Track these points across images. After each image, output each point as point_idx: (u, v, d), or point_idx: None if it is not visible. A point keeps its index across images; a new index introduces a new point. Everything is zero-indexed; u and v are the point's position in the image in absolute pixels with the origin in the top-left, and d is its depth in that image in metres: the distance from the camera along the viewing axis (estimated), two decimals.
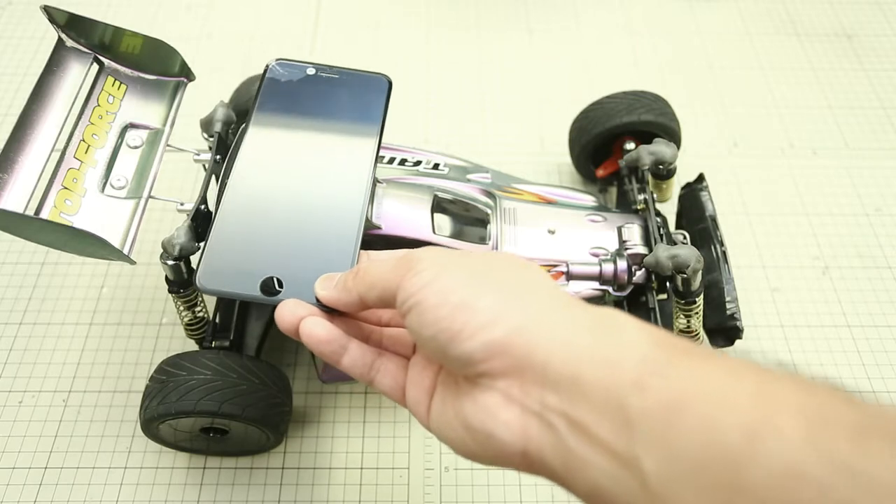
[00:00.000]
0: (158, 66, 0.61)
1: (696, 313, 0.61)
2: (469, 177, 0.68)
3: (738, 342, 0.63)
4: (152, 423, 0.57)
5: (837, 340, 0.74)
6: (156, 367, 0.59)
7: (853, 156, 0.90)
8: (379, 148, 0.47)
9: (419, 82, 0.98)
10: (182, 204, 0.62)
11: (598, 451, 0.27)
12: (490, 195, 0.66)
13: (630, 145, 0.72)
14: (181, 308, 0.61)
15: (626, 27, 1.05)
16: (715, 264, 0.65)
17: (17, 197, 0.51)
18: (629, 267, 0.62)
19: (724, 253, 0.65)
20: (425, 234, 0.58)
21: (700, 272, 0.59)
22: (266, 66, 0.51)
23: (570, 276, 0.62)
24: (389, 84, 0.50)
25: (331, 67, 0.51)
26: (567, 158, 0.85)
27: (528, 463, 0.30)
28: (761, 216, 0.84)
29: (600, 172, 0.80)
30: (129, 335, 0.73)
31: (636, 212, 0.68)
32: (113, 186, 0.56)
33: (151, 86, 0.61)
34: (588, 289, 0.63)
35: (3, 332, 0.73)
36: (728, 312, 0.62)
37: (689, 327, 0.61)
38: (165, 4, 1.07)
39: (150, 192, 0.57)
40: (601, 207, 0.70)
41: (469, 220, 0.62)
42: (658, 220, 0.66)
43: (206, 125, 0.65)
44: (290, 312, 0.38)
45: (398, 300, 0.33)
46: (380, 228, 0.56)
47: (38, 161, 0.53)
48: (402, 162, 0.66)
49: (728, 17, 1.07)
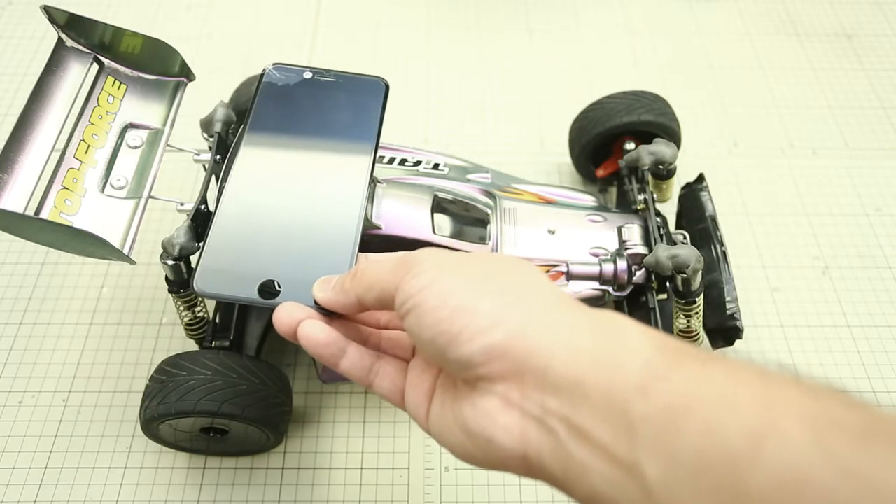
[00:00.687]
0: (158, 66, 0.61)
1: (696, 313, 0.61)
2: (469, 177, 0.68)
3: (738, 342, 0.63)
4: (152, 423, 0.57)
5: (837, 340, 0.74)
6: (156, 367, 0.59)
7: (853, 156, 0.90)
8: (376, 151, 0.47)
9: (419, 82, 0.98)
10: (182, 204, 0.62)
11: (598, 456, 0.27)
12: (490, 195, 0.66)
13: (630, 145, 0.72)
14: (181, 308, 0.61)
15: (626, 27, 1.05)
16: (715, 264, 0.65)
17: (17, 197, 0.51)
18: (629, 267, 0.62)
19: (724, 253, 0.65)
20: (425, 234, 0.58)
21: (700, 272, 0.59)
22: (263, 71, 0.51)
23: (570, 276, 0.62)
24: (386, 87, 0.50)
25: (328, 71, 0.51)
26: (567, 158, 0.85)
27: (528, 468, 0.30)
28: (761, 216, 0.84)
29: (600, 172, 0.80)
30: (129, 335, 0.73)
31: (636, 212, 0.68)
32: (113, 186, 0.56)
33: (151, 86, 0.61)
34: (588, 289, 0.63)
35: (3, 332, 0.73)
36: (728, 312, 0.62)
37: (689, 327, 0.61)
38: (165, 4, 1.07)
39: (150, 192, 0.57)
40: (601, 207, 0.70)
41: (469, 220, 0.62)
42: (658, 220, 0.66)
43: (206, 125, 0.65)
44: (288, 315, 0.37)
45: (397, 302, 0.33)
46: (380, 228, 0.56)
47: (38, 161, 0.53)
48: (402, 162, 0.66)
49: (728, 17, 1.07)
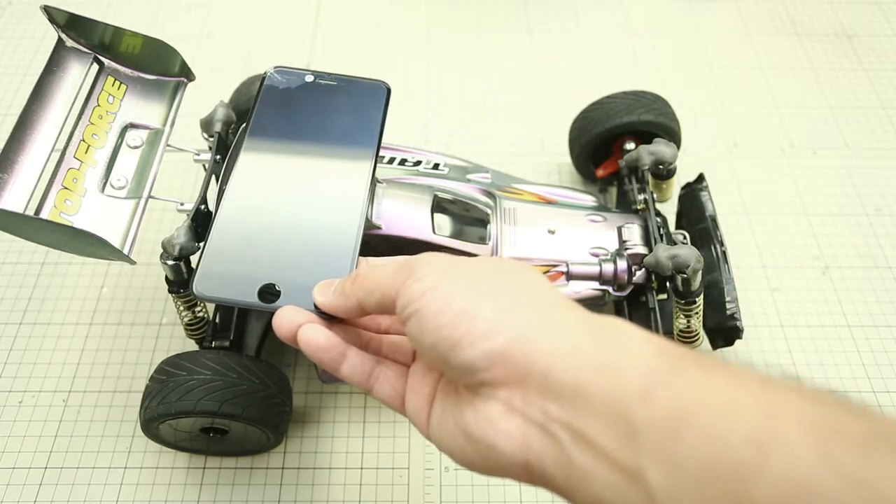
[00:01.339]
0: (158, 66, 0.61)
1: (696, 313, 0.61)
2: (469, 177, 0.68)
3: (738, 342, 0.63)
4: (152, 423, 0.57)
5: (837, 340, 0.74)
6: (156, 367, 0.59)
7: (853, 156, 0.90)
8: (378, 155, 0.47)
9: (419, 82, 0.98)
10: (182, 204, 0.62)
11: (601, 462, 0.27)
12: (490, 195, 0.66)
13: (630, 145, 0.72)
14: (181, 308, 0.61)
15: (626, 27, 1.05)
16: (715, 264, 0.65)
17: (17, 197, 0.51)
18: (629, 267, 0.62)
19: (724, 253, 0.65)
20: (425, 235, 0.58)
21: (700, 272, 0.59)
22: (264, 74, 0.50)
23: (570, 276, 0.62)
24: (388, 91, 0.50)
25: (329, 75, 0.50)
26: (567, 158, 0.85)
27: (529, 474, 0.30)
28: (761, 216, 0.84)
29: (600, 172, 0.80)
30: (129, 335, 0.73)
31: (636, 212, 0.68)
32: (113, 186, 0.56)
33: (151, 86, 0.61)
34: (588, 289, 0.63)
35: (3, 332, 0.73)
36: (728, 312, 0.62)
37: (689, 327, 0.61)
38: (165, 4, 1.07)
39: (150, 192, 0.57)
40: (601, 207, 0.70)
41: (469, 220, 0.62)
42: (658, 220, 0.66)
43: (206, 125, 0.65)
44: (289, 319, 0.37)
45: (398, 306, 0.33)
46: (380, 228, 0.56)
47: (38, 161, 0.53)
48: (402, 162, 0.66)
49: (728, 17, 1.07)
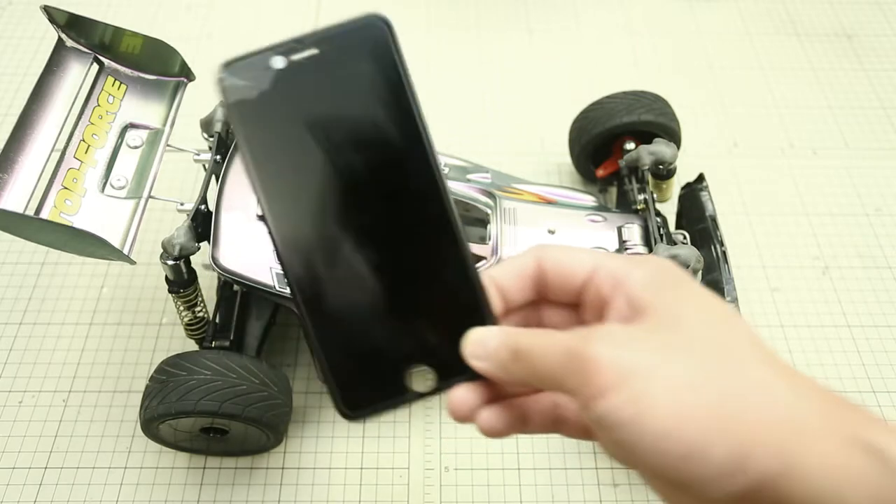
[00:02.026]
0: (158, 66, 0.61)
1: None
2: (469, 177, 0.68)
3: None
4: (152, 423, 0.57)
5: (837, 340, 0.74)
6: (156, 367, 0.59)
7: (853, 156, 0.90)
8: (428, 134, 0.32)
9: (419, 82, 0.97)
10: (182, 204, 0.62)
11: None
12: (490, 195, 0.66)
13: (630, 145, 0.72)
14: (181, 308, 0.61)
15: (626, 27, 1.05)
16: (715, 264, 0.65)
17: (17, 197, 0.51)
18: None
19: (724, 253, 0.65)
20: None
21: (700, 272, 0.59)
22: (220, 86, 0.30)
23: None
24: (387, 27, 0.32)
25: (297, 40, 0.31)
26: (567, 158, 0.85)
27: None
28: (761, 216, 0.84)
29: (600, 172, 0.80)
30: (129, 335, 0.73)
31: (636, 212, 0.68)
32: (113, 186, 0.56)
33: (151, 86, 0.61)
34: None
35: (3, 332, 0.73)
36: None
37: None
38: (165, 4, 1.07)
39: (150, 192, 0.57)
40: (601, 207, 0.70)
41: (469, 220, 0.62)
42: (658, 220, 0.66)
43: (206, 125, 0.65)
44: (465, 407, 0.29)
45: (581, 409, 0.26)
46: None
47: (38, 161, 0.53)
48: None
49: (728, 17, 1.07)
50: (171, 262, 0.57)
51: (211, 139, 0.65)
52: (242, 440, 0.62)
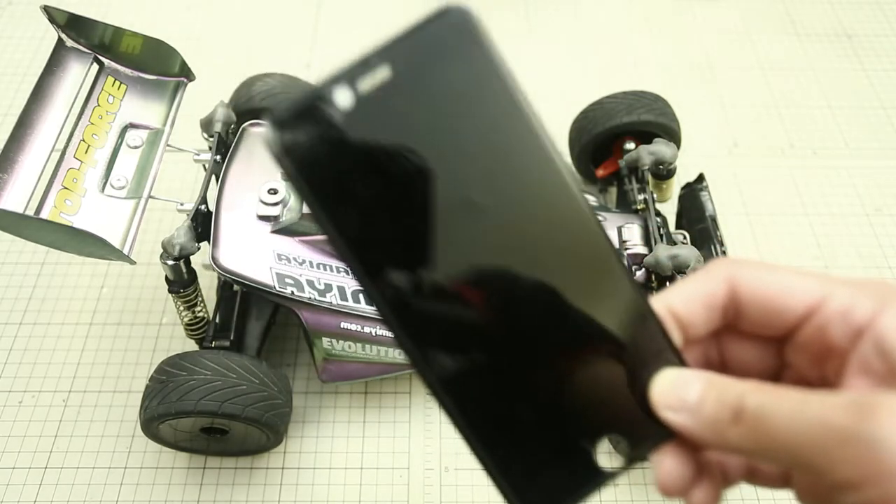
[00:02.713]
0: (158, 66, 0.61)
1: None
2: None
3: None
4: (152, 423, 0.57)
5: None
6: (156, 367, 0.59)
7: (853, 156, 0.90)
8: (550, 140, 0.24)
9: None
10: (182, 204, 0.62)
11: None
12: None
13: (630, 145, 0.72)
14: (181, 308, 0.61)
15: (626, 27, 1.05)
16: None
17: (17, 197, 0.51)
18: (629, 267, 0.62)
19: (724, 253, 0.65)
20: None
21: None
22: (275, 148, 0.20)
23: None
24: (468, 18, 0.23)
25: (362, 62, 0.22)
26: (567, 158, 0.85)
27: None
28: (761, 216, 0.84)
29: (600, 172, 0.80)
30: (129, 335, 0.73)
31: (636, 212, 0.68)
32: (113, 186, 0.56)
33: (151, 86, 0.61)
34: None
35: (3, 332, 0.73)
36: None
37: None
38: (165, 4, 1.07)
39: (150, 192, 0.57)
40: (601, 207, 0.70)
41: None
42: (658, 220, 0.66)
43: (206, 125, 0.65)
44: (676, 477, 0.23)
45: (827, 489, 0.20)
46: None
47: (38, 161, 0.53)
48: None
49: (728, 17, 1.07)
50: (171, 262, 0.57)
51: (211, 139, 0.65)
52: (242, 440, 0.62)
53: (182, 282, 0.59)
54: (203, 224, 0.60)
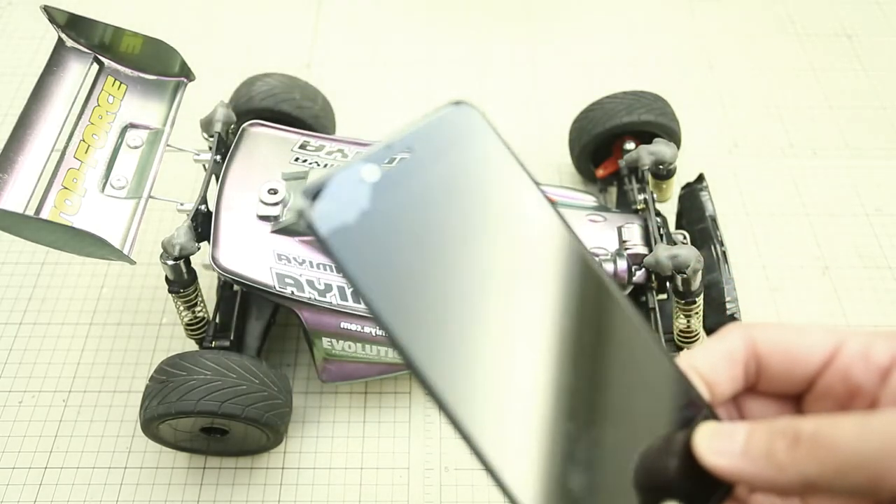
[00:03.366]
0: (158, 66, 0.61)
1: (696, 313, 0.61)
2: None
3: None
4: (152, 423, 0.57)
5: None
6: (156, 367, 0.59)
7: (853, 156, 0.90)
8: (556, 210, 0.27)
9: (420, 82, 0.98)
10: (182, 204, 0.62)
11: None
12: None
13: (630, 145, 0.72)
14: (181, 308, 0.61)
15: (626, 27, 1.05)
16: (715, 264, 0.65)
17: (17, 197, 0.51)
18: (629, 267, 0.62)
19: (724, 253, 0.65)
20: None
21: (700, 272, 0.59)
22: (309, 218, 0.22)
23: None
24: (477, 111, 0.26)
25: (385, 147, 0.23)
26: (567, 158, 0.85)
27: None
28: (761, 216, 0.84)
29: (600, 172, 0.80)
30: (129, 335, 0.73)
31: (636, 212, 0.68)
32: (113, 186, 0.56)
33: (151, 86, 0.61)
34: None
35: (3, 332, 0.73)
36: (728, 312, 0.62)
37: (689, 327, 0.61)
38: (165, 4, 1.07)
39: (150, 192, 0.57)
40: (601, 207, 0.70)
41: None
42: (658, 220, 0.66)
43: (206, 125, 0.65)
44: None
45: None
46: None
47: (38, 161, 0.53)
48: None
49: (728, 17, 1.07)
50: (171, 262, 0.57)
51: (211, 139, 0.65)
52: (242, 440, 0.62)
53: (182, 282, 0.59)
54: (203, 224, 0.60)
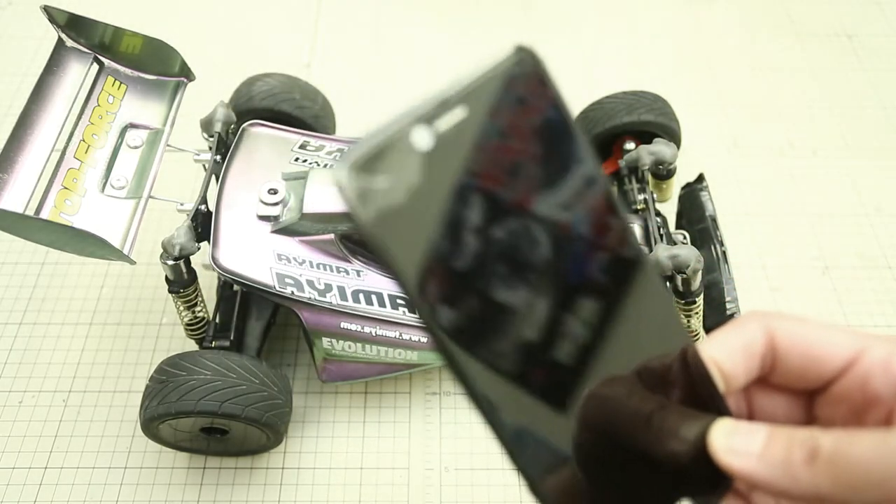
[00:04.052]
0: (158, 66, 0.61)
1: (696, 313, 0.61)
2: None
3: None
4: (152, 423, 0.57)
5: None
6: (156, 367, 0.59)
7: (853, 156, 0.90)
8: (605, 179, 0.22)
9: (420, 82, 0.98)
10: (182, 204, 0.62)
11: None
12: None
13: (630, 145, 0.72)
14: (181, 308, 0.61)
15: (627, 27, 1.05)
16: (715, 264, 0.65)
17: (17, 197, 0.51)
18: None
19: (724, 253, 0.65)
20: None
21: (700, 272, 0.59)
22: (348, 194, 0.17)
23: None
24: (536, 59, 0.21)
25: (440, 103, 0.19)
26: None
27: None
28: (761, 216, 0.84)
29: None
30: (129, 335, 0.73)
31: (636, 212, 0.68)
32: (113, 186, 0.57)
33: (151, 86, 0.61)
34: None
35: (3, 332, 0.73)
36: (728, 312, 0.62)
37: (689, 327, 0.61)
38: (165, 4, 1.07)
39: (150, 192, 0.57)
40: None
41: None
42: (658, 220, 0.66)
43: (206, 125, 0.66)
44: None
45: None
46: None
47: (38, 161, 0.53)
48: None
49: (728, 17, 1.07)
50: (171, 262, 0.57)
51: (211, 139, 0.65)
52: (242, 440, 0.62)
53: (182, 282, 0.59)
54: (203, 224, 0.60)
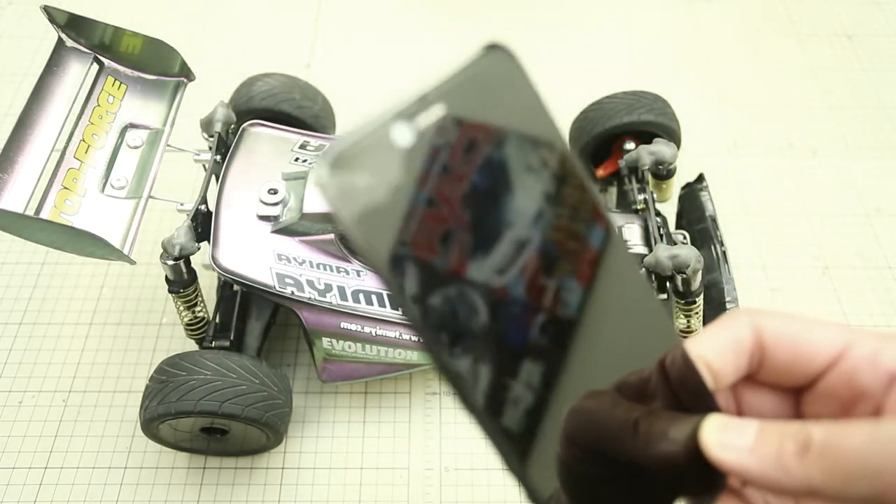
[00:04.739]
0: (158, 66, 0.61)
1: (696, 313, 0.61)
2: None
3: None
4: (152, 423, 0.57)
5: None
6: (156, 367, 0.59)
7: (853, 156, 0.90)
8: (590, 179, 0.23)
9: (419, 83, 0.98)
10: (182, 204, 0.62)
11: None
12: None
13: (630, 145, 0.72)
14: (181, 308, 0.61)
15: (626, 27, 1.05)
16: (715, 264, 0.65)
17: (17, 197, 0.51)
18: None
19: (724, 253, 0.65)
20: None
21: (700, 272, 0.59)
22: (328, 192, 0.18)
23: None
24: (510, 55, 0.22)
25: (419, 100, 0.21)
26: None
27: None
28: (761, 216, 0.84)
29: (600, 172, 0.80)
30: (129, 335, 0.73)
31: (636, 212, 0.68)
32: (113, 186, 0.57)
33: (151, 86, 0.61)
34: None
35: (3, 332, 0.73)
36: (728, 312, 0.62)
37: (689, 327, 0.61)
38: (165, 4, 1.07)
39: (149, 192, 0.57)
40: None
41: None
42: (658, 220, 0.66)
43: (206, 125, 0.66)
44: None
45: None
46: None
47: (38, 161, 0.53)
48: None
49: (728, 17, 1.07)
50: (171, 262, 0.57)
51: (211, 139, 0.65)
52: (242, 440, 0.62)
53: (182, 282, 0.59)
54: (203, 224, 0.60)
